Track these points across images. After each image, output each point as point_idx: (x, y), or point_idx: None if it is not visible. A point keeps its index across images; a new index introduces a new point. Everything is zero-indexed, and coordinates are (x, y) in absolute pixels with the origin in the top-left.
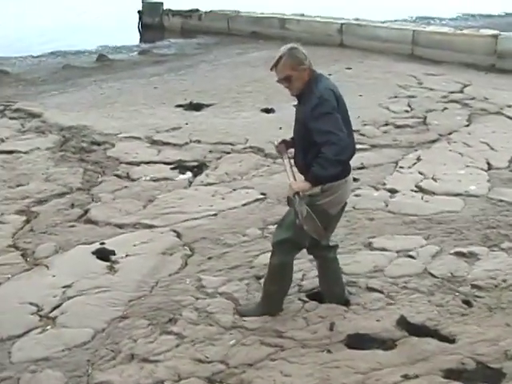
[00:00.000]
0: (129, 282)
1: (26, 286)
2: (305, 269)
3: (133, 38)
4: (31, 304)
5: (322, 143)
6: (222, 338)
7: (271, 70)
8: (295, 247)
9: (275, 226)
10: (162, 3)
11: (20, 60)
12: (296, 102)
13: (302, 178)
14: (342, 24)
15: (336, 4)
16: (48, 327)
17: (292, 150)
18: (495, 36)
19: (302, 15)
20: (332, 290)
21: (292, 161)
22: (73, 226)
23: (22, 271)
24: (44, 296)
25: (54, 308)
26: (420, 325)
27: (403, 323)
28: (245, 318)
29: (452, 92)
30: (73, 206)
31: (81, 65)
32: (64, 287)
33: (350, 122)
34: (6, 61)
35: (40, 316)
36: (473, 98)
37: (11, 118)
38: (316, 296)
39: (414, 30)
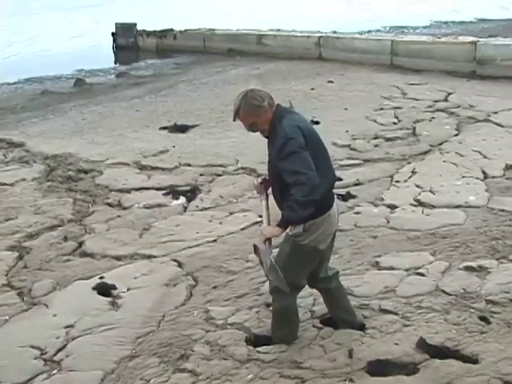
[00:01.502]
0: (134, 317)
1: (26, 327)
2: (315, 293)
3: (108, 60)
4: (33, 347)
5: (291, 184)
6: (238, 372)
7: (234, 120)
8: (294, 288)
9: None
10: (136, 24)
11: None
12: None
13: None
14: (319, 37)
15: (309, 19)
16: (54, 372)
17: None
18: (474, 43)
19: (278, 30)
20: (343, 318)
21: (270, 200)
22: (68, 261)
23: (20, 312)
24: (46, 338)
25: (59, 350)
26: (440, 346)
27: (423, 345)
28: (259, 349)
29: (437, 101)
30: (66, 238)
31: (59, 90)
32: (66, 327)
33: (327, 153)
34: None
35: (44, 360)
36: (458, 106)
37: None
38: (330, 321)
39: (392, 40)
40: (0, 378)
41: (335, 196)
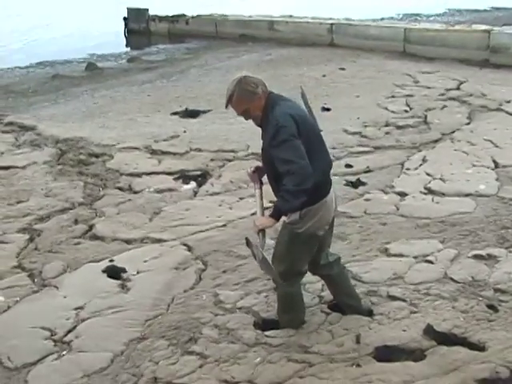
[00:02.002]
0: (143, 300)
1: (36, 308)
2: None
3: (119, 44)
4: (44, 328)
5: (283, 173)
6: (246, 355)
7: (226, 107)
8: (295, 275)
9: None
10: (148, 9)
11: (7, 71)
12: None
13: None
14: (331, 24)
15: (321, 5)
16: (64, 352)
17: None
18: (488, 31)
19: (291, 16)
20: (348, 303)
21: (264, 188)
22: (78, 243)
23: (31, 293)
24: (56, 319)
25: (68, 331)
26: (447, 333)
27: (430, 332)
28: (267, 333)
29: (449, 89)
30: (76, 221)
31: (70, 74)
32: (76, 309)
33: (322, 139)
34: None
35: (54, 341)
36: (471, 95)
37: (4, 132)
38: (337, 307)
39: (405, 28)
40: (11, 358)
41: (332, 182)
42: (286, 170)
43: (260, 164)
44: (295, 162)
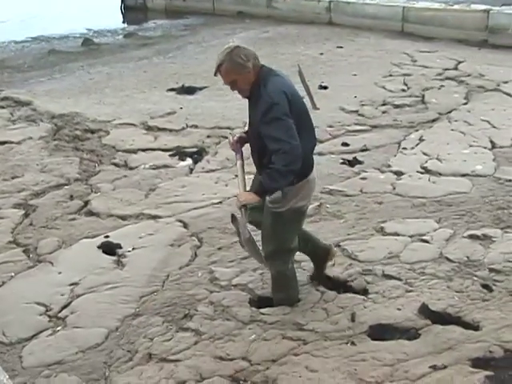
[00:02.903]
0: (138, 276)
1: (31, 284)
2: None
3: (116, 20)
4: (38, 304)
5: (273, 151)
6: (241, 333)
7: (215, 75)
8: (286, 253)
9: None
10: None
11: (2, 46)
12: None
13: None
14: (330, 2)
15: None
16: (58, 328)
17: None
18: (487, 11)
19: None
20: (317, 250)
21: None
22: (74, 219)
23: (26, 269)
24: (51, 295)
25: (63, 307)
26: (442, 312)
27: (425, 311)
28: (263, 311)
29: (447, 69)
30: (72, 197)
31: (66, 50)
32: (71, 284)
33: (310, 117)
34: None
35: (49, 316)
36: (468, 75)
37: None
38: (333, 285)
39: (404, 7)
40: (6, 333)
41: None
42: (276, 148)
43: (242, 133)
44: (287, 141)
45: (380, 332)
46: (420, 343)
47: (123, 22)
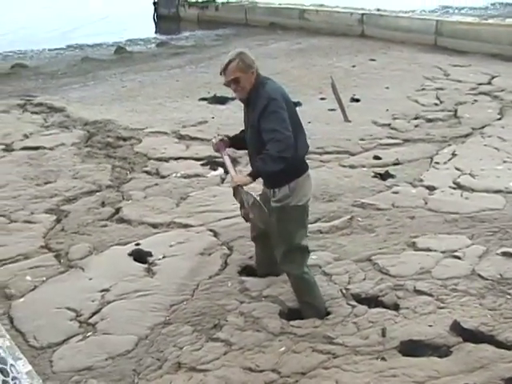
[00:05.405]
0: (169, 285)
1: (62, 289)
2: (350, 271)
3: (149, 29)
4: (69, 309)
5: (267, 140)
6: (271, 344)
7: (220, 74)
8: (298, 252)
9: (314, 223)
10: None
11: (36, 53)
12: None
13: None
14: (362, 14)
15: None
16: (89, 334)
17: (230, 150)
18: None
19: (321, 6)
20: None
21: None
22: (105, 226)
23: (57, 274)
24: (82, 300)
25: (94, 313)
26: (474, 330)
27: (457, 328)
28: (293, 323)
29: (480, 84)
30: (103, 204)
31: (99, 57)
32: (102, 291)
33: (301, 123)
34: (23, 54)
35: (79, 322)
36: (502, 90)
37: (33, 113)
38: (364, 300)
39: (437, 20)
40: (37, 337)
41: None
42: (271, 137)
43: (225, 137)
44: (281, 131)
45: (411, 348)
46: (452, 361)
47: (156, 32)
